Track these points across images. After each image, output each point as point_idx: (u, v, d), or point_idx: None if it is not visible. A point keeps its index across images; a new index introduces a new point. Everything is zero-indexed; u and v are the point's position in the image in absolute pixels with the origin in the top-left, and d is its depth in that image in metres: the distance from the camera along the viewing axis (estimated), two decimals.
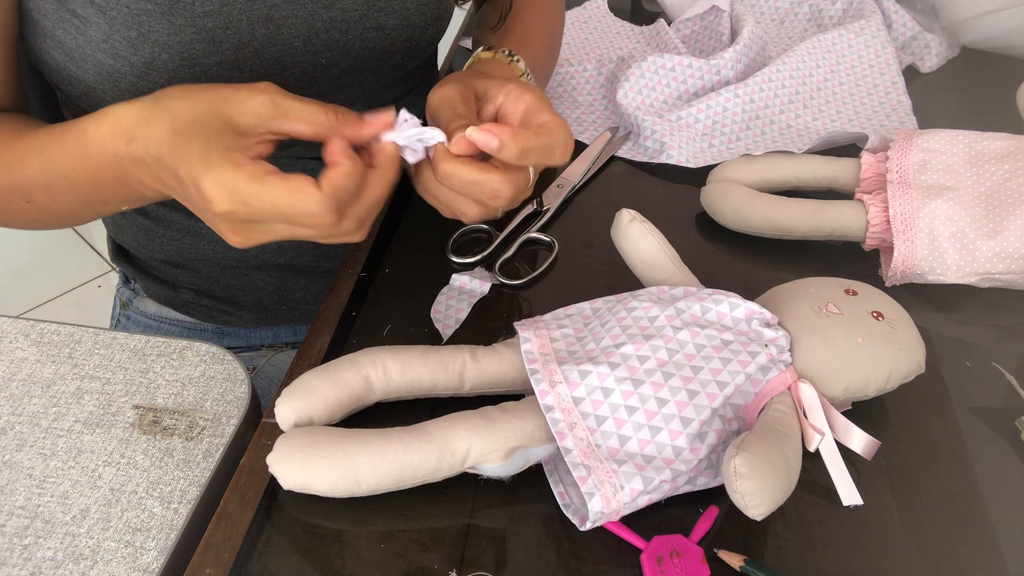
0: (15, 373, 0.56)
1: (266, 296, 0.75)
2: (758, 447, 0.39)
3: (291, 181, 0.40)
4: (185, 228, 0.69)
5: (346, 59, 0.59)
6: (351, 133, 0.43)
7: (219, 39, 0.53)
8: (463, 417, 0.44)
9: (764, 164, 0.64)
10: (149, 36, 0.51)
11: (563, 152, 0.46)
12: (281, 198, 0.40)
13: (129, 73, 0.52)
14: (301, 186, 0.40)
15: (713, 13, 0.83)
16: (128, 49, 0.51)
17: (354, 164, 0.41)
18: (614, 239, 0.53)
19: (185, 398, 0.54)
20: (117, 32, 0.51)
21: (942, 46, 0.83)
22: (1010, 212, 0.54)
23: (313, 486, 0.42)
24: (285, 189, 0.40)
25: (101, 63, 0.52)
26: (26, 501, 0.49)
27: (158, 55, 0.52)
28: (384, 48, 0.60)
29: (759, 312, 0.46)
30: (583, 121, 0.77)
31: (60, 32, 0.52)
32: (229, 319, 0.77)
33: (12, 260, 1.86)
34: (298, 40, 0.56)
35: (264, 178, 0.40)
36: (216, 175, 0.40)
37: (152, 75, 0.52)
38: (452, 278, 0.59)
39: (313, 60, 0.58)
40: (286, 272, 0.73)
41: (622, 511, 0.41)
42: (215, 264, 0.72)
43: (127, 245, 0.75)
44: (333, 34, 0.57)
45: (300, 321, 0.79)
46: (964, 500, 0.45)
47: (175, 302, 0.77)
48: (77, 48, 0.52)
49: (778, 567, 0.42)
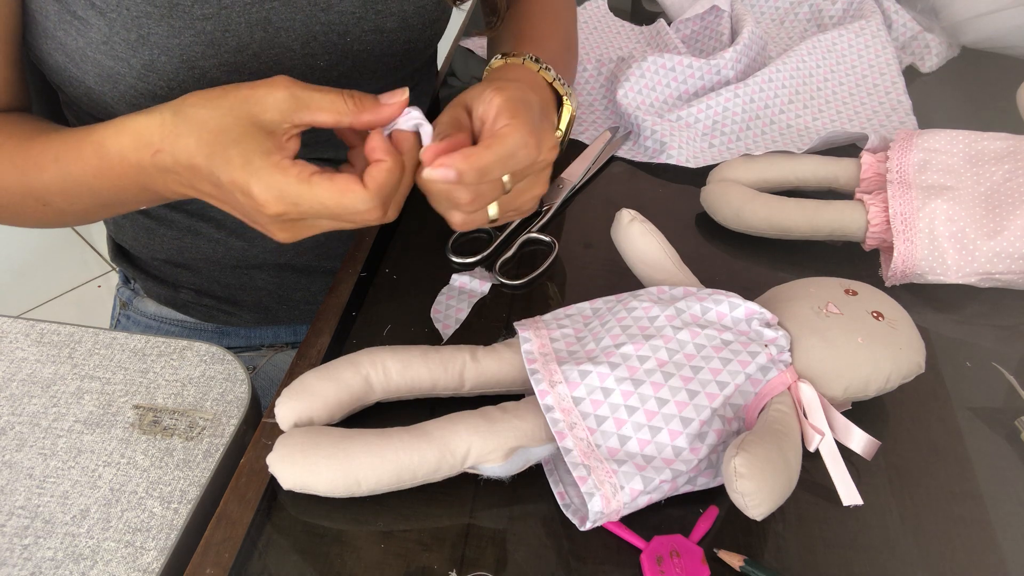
0: (15, 373, 0.56)
1: (266, 296, 0.75)
2: (758, 447, 0.39)
3: (337, 181, 0.42)
4: (186, 227, 0.69)
5: (344, 62, 0.59)
6: (371, 118, 0.44)
7: (218, 42, 0.53)
8: (463, 417, 0.44)
9: (764, 164, 0.64)
10: (148, 39, 0.51)
11: (526, 152, 0.45)
12: (330, 198, 0.42)
13: (128, 75, 0.53)
14: (348, 186, 0.42)
15: (713, 13, 0.83)
16: (128, 51, 0.52)
17: (395, 160, 0.43)
18: (614, 239, 0.53)
19: (185, 398, 0.54)
20: (117, 34, 0.51)
21: (942, 46, 0.83)
22: (1010, 212, 0.54)
23: (313, 486, 0.42)
24: (333, 189, 0.42)
25: (101, 65, 0.52)
26: (26, 501, 0.49)
27: (157, 57, 0.52)
28: (383, 50, 0.60)
29: (759, 312, 0.46)
30: (583, 121, 0.77)
31: (61, 33, 0.52)
32: (229, 319, 0.77)
33: (12, 260, 1.86)
34: (296, 43, 0.56)
35: (311, 179, 0.42)
36: (265, 180, 0.41)
37: (151, 77, 0.53)
38: (452, 278, 0.59)
39: (311, 63, 0.58)
40: (286, 272, 0.73)
41: (622, 511, 0.41)
42: (215, 263, 0.72)
43: (127, 245, 0.75)
44: (331, 37, 0.57)
45: (300, 321, 0.79)
46: (964, 500, 0.45)
47: (175, 302, 0.77)
48: (78, 50, 0.52)
49: (778, 567, 0.42)
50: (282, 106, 0.42)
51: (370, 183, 0.42)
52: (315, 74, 0.59)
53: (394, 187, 0.43)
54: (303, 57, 0.57)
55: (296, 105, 0.42)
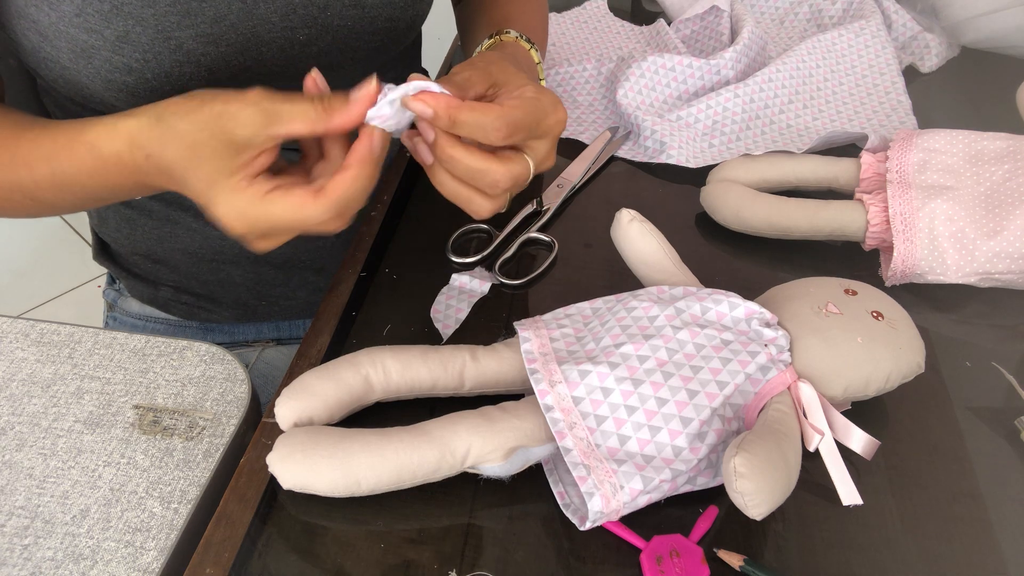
0: (15, 373, 0.56)
1: (244, 292, 0.75)
2: (758, 447, 0.39)
3: (292, 196, 0.43)
4: (164, 216, 0.69)
5: (324, 37, 0.59)
6: (343, 119, 0.43)
7: (194, 11, 0.52)
8: (463, 417, 0.44)
9: (764, 164, 0.64)
10: (122, 8, 0.50)
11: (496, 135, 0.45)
12: (286, 213, 0.43)
13: (103, 47, 0.52)
14: (303, 201, 0.43)
15: (713, 13, 0.83)
16: (101, 22, 0.51)
17: (360, 169, 0.43)
18: (614, 239, 0.53)
19: (185, 398, 0.54)
20: (90, 5, 0.50)
21: (942, 46, 0.83)
22: (1010, 212, 0.54)
23: (313, 486, 0.42)
24: (288, 205, 0.43)
25: (75, 39, 0.51)
26: (26, 501, 0.49)
27: (132, 28, 0.51)
28: (364, 27, 0.60)
29: (759, 312, 0.46)
30: (583, 121, 0.77)
31: (33, 10, 0.51)
32: (210, 315, 0.78)
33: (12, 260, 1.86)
34: (275, 15, 0.56)
35: (266, 197, 0.43)
36: (226, 202, 0.43)
37: (125, 49, 0.52)
38: (452, 278, 0.59)
39: (291, 36, 0.57)
40: (262, 267, 0.74)
41: (622, 511, 0.41)
42: (191, 255, 0.72)
43: (109, 239, 0.76)
44: (311, 10, 0.57)
45: (282, 317, 0.80)
46: (964, 500, 0.45)
47: (156, 300, 0.77)
48: (51, 25, 0.51)
49: (778, 567, 0.42)
50: (254, 121, 0.42)
51: (331, 193, 0.42)
52: (294, 48, 0.58)
53: (357, 196, 0.43)
54: (282, 30, 0.56)
55: (267, 120, 0.42)
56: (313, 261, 0.74)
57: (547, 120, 0.47)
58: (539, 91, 0.47)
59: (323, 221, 0.43)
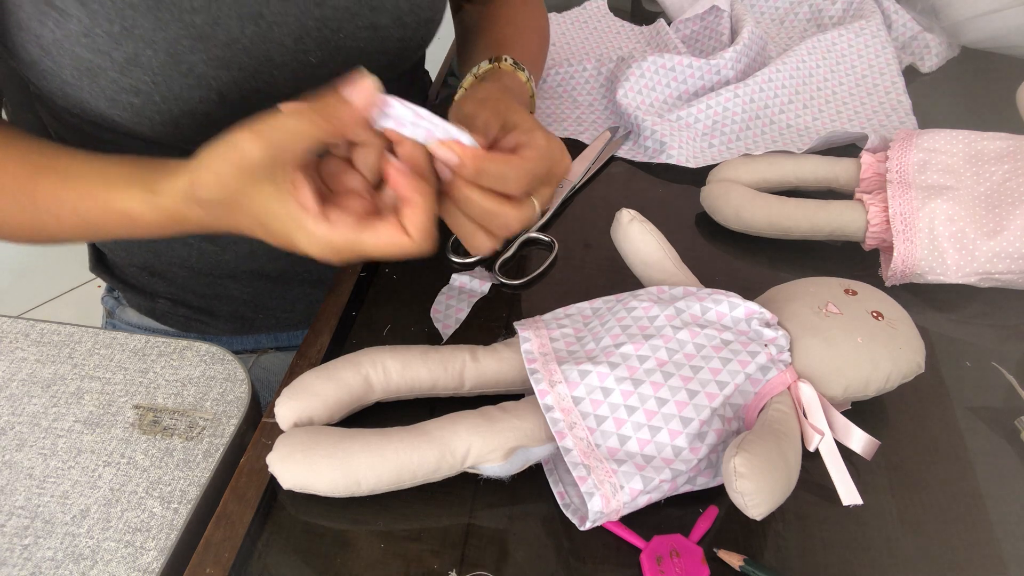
0: (15, 373, 0.56)
1: (242, 305, 0.75)
2: (758, 447, 0.39)
3: (381, 232, 0.42)
4: None
5: (336, 58, 0.58)
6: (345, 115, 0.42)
7: (207, 36, 0.52)
8: (463, 417, 0.44)
9: (764, 164, 0.64)
10: (133, 31, 0.49)
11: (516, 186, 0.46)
12: (377, 248, 0.42)
13: (110, 69, 0.51)
14: (393, 239, 0.42)
15: (713, 13, 0.83)
16: (110, 44, 0.50)
17: (426, 197, 0.43)
18: (614, 239, 0.53)
19: (185, 398, 0.54)
20: (99, 26, 0.49)
21: (942, 46, 0.83)
22: (1010, 212, 0.54)
23: (313, 486, 0.42)
24: (380, 242, 0.42)
25: (80, 58, 0.50)
26: (26, 501, 0.49)
27: (142, 51, 0.50)
28: (375, 48, 0.60)
29: (759, 312, 0.46)
30: (583, 121, 0.77)
31: (36, 24, 0.50)
32: (206, 328, 0.77)
33: (12, 260, 1.86)
34: (288, 39, 0.55)
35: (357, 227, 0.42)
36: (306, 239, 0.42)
37: (135, 71, 0.51)
38: (452, 278, 0.59)
39: (303, 59, 0.57)
40: (260, 280, 0.73)
41: (622, 511, 0.41)
42: (188, 269, 0.71)
43: (106, 250, 0.75)
44: (324, 32, 0.57)
45: (280, 329, 0.79)
46: (964, 500, 0.45)
47: (153, 312, 0.77)
48: (54, 42, 0.50)
49: (778, 567, 0.42)
50: (263, 162, 0.41)
51: (413, 231, 0.42)
52: (306, 70, 0.58)
53: (433, 220, 0.43)
54: (295, 53, 0.56)
55: (274, 153, 0.41)
56: (310, 274, 0.74)
57: (556, 168, 0.48)
58: (548, 138, 0.48)
59: (415, 253, 0.43)
